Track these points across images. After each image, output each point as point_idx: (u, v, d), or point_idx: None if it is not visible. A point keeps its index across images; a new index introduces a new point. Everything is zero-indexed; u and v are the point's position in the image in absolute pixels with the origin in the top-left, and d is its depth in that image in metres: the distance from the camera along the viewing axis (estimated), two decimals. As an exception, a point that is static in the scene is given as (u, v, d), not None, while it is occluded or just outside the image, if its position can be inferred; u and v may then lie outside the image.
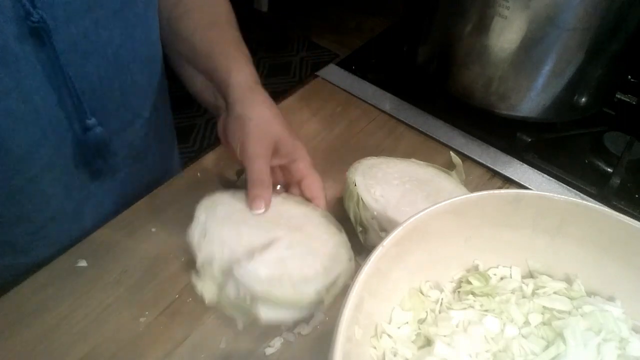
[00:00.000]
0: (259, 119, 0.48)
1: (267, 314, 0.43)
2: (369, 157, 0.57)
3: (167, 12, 0.58)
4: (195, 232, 0.48)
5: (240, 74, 0.51)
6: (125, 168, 0.62)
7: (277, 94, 0.77)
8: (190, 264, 0.52)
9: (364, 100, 0.76)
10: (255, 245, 0.47)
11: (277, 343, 0.47)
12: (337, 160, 0.65)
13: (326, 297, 0.45)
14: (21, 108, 0.45)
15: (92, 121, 0.51)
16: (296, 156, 0.51)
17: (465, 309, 0.44)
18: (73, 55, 0.46)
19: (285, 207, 0.52)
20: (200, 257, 0.46)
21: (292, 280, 0.45)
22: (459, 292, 0.46)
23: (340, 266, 0.47)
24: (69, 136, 0.51)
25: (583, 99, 0.67)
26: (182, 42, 0.58)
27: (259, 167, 0.48)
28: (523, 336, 0.42)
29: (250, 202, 0.49)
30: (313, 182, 0.52)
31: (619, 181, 0.60)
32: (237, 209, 0.50)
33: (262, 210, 0.48)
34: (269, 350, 0.47)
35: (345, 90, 0.78)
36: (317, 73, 0.81)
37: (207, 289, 0.45)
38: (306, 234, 0.50)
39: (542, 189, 0.63)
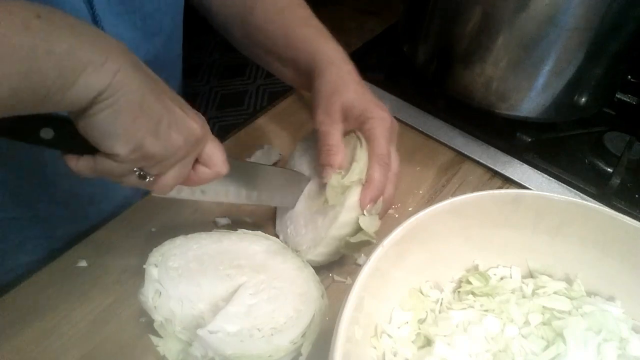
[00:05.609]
0: (326, 90, 0.51)
1: None
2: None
3: (236, 4, 0.59)
4: (149, 291, 0.44)
5: (319, 54, 0.53)
6: None
7: (277, 94, 0.77)
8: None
9: (364, 100, 0.75)
10: (218, 295, 0.44)
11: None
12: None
13: (304, 345, 0.42)
14: None
15: None
16: (364, 119, 0.51)
17: (465, 309, 0.44)
18: (108, 14, 0.47)
19: (243, 245, 0.49)
20: (159, 317, 0.43)
21: (264, 333, 0.42)
22: (459, 292, 0.46)
23: (313, 305, 0.44)
24: None
25: (583, 99, 0.67)
26: (258, 32, 0.58)
27: (325, 134, 0.49)
28: (523, 336, 0.42)
29: (320, 171, 0.49)
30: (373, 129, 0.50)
31: (619, 181, 0.60)
32: (191, 258, 0.47)
33: (328, 179, 0.48)
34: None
35: (345, 90, 0.77)
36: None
37: (169, 348, 0.42)
38: (271, 273, 0.46)
39: (542, 189, 0.63)
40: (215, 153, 0.42)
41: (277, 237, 0.53)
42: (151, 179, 0.38)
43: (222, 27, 0.63)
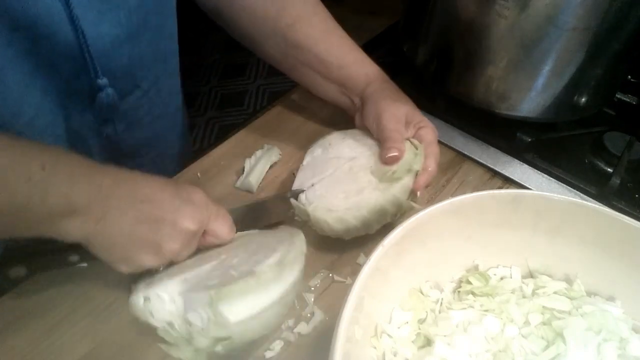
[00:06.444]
0: (388, 99, 0.58)
1: (233, 312, 0.41)
2: None
3: (272, 20, 0.61)
4: (139, 299, 0.44)
5: (372, 75, 0.62)
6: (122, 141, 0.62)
7: (277, 94, 0.77)
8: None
9: (364, 100, 0.75)
10: (204, 274, 0.45)
11: (277, 347, 0.47)
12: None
13: (284, 272, 0.44)
14: (29, 46, 0.44)
15: (103, 81, 0.51)
16: (421, 125, 0.58)
17: (465, 309, 0.44)
18: (89, 13, 0.46)
19: (227, 246, 0.49)
20: (157, 323, 0.43)
21: (241, 272, 0.43)
22: (459, 292, 0.46)
23: (289, 244, 0.46)
24: (70, 88, 0.50)
25: (583, 99, 0.67)
26: (304, 53, 0.62)
27: (391, 129, 0.55)
28: (523, 336, 0.42)
29: (385, 153, 0.54)
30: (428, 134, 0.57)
31: (619, 181, 0.60)
32: (177, 268, 0.47)
33: (395, 154, 0.53)
34: (268, 354, 0.47)
35: (345, 90, 0.77)
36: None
37: (183, 351, 0.42)
38: (257, 243, 0.49)
39: (542, 189, 0.63)
40: (218, 228, 0.47)
41: (295, 191, 0.56)
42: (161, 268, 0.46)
43: (250, 40, 0.64)
